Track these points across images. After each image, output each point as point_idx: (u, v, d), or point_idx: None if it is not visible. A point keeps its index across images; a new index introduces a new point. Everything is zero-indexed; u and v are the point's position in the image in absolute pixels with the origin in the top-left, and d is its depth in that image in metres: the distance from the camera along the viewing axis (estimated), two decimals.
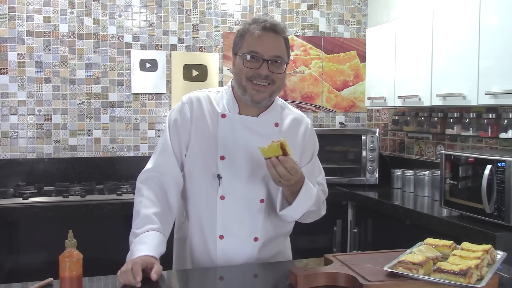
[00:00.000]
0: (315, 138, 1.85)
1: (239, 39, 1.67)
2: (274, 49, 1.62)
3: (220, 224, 1.68)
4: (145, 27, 3.53)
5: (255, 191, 1.70)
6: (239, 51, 1.65)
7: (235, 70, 1.67)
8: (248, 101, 1.66)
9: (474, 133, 2.81)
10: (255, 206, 1.70)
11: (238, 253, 1.70)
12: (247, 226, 1.70)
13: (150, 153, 3.66)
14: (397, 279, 1.33)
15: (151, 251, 1.52)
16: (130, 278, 1.40)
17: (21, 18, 3.28)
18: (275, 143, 1.51)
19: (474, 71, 2.59)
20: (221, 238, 1.69)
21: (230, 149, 1.68)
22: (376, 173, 3.44)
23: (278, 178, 1.53)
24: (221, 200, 1.68)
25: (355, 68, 4.01)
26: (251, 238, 1.71)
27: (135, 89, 3.51)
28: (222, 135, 1.69)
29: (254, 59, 1.61)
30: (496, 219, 2.26)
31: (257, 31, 1.62)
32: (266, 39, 1.61)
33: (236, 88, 1.70)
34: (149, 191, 1.68)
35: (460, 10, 2.70)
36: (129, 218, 2.90)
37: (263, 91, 1.63)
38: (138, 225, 1.61)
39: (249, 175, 1.68)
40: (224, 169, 1.68)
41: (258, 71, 1.61)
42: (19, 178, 3.27)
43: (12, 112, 3.29)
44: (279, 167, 1.51)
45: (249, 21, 1.68)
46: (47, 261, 2.33)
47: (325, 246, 3.25)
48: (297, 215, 1.68)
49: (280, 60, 1.63)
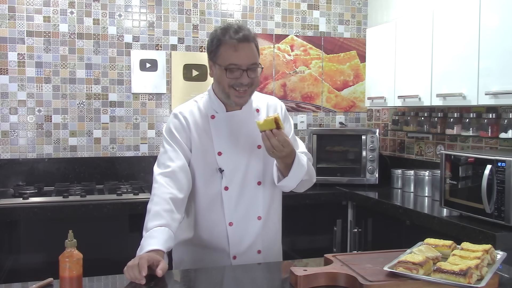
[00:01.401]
0: (289, 116, 2.05)
1: (215, 48, 1.78)
2: (250, 58, 1.76)
3: (228, 212, 1.84)
4: (145, 27, 3.53)
5: (253, 176, 1.87)
6: (217, 61, 1.78)
7: (216, 78, 1.81)
8: (232, 104, 1.83)
9: (474, 133, 2.81)
10: (254, 189, 1.87)
11: (246, 234, 1.86)
12: (251, 209, 1.87)
13: (150, 153, 3.71)
14: (397, 279, 1.34)
15: (159, 245, 1.59)
16: (136, 273, 1.45)
17: (21, 18, 3.28)
18: (270, 118, 1.69)
19: (474, 71, 2.59)
20: (231, 225, 1.84)
21: (226, 144, 1.85)
22: (376, 173, 3.44)
23: (271, 149, 1.69)
24: (225, 190, 1.83)
25: (355, 68, 4.01)
26: (255, 218, 1.88)
27: (135, 89, 3.51)
28: (216, 133, 1.85)
29: (234, 70, 1.75)
30: (496, 219, 2.26)
31: (233, 43, 1.74)
32: (242, 51, 1.75)
33: (217, 92, 1.86)
34: (161, 190, 1.76)
35: (460, 10, 2.70)
36: (129, 218, 2.92)
37: (245, 95, 1.80)
38: (150, 220, 1.69)
39: (246, 163, 1.86)
40: (223, 162, 1.83)
41: (240, 80, 1.75)
42: (19, 178, 3.27)
43: (12, 112, 3.29)
44: (273, 139, 1.68)
45: (220, 30, 1.78)
46: (47, 261, 2.32)
47: (325, 246, 3.25)
48: (293, 184, 1.84)
49: (255, 65, 1.78)
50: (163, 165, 1.81)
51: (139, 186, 3.22)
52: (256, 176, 1.87)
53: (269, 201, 1.91)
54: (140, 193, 2.94)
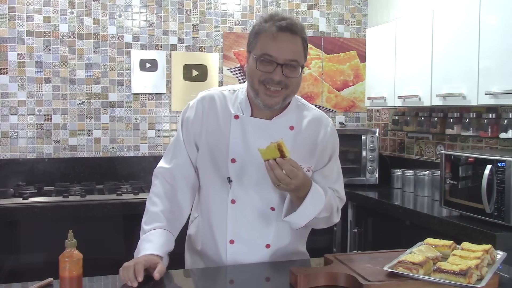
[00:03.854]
0: (335, 140, 1.74)
1: (254, 37, 1.57)
2: (289, 52, 1.52)
3: (230, 228, 1.65)
4: (145, 27, 3.53)
5: (265, 197, 1.64)
6: (253, 51, 1.56)
7: (248, 70, 1.59)
8: (260, 104, 1.59)
9: (474, 133, 2.81)
10: (266, 213, 1.65)
11: (248, 259, 1.66)
12: (258, 233, 1.66)
13: (150, 153, 3.71)
14: (397, 279, 1.33)
15: (156, 250, 1.52)
16: (130, 276, 1.40)
17: (21, 18, 3.28)
18: (272, 144, 1.46)
19: (474, 71, 2.59)
20: (232, 243, 1.65)
21: (241, 152, 1.62)
22: (376, 173, 3.44)
23: (277, 182, 1.48)
24: (232, 204, 1.64)
25: (355, 68, 4.01)
26: (263, 245, 1.67)
27: (135, 89, 3.51)
28: (234, 137, 1.63)
29: (267, 62, 1.52)
30: (496, 219, 2.26)
31: (272, 31, 1.52)
32: (281, 41, 1.51)
33: (248, 90, 1.63)
34: (158, 188, 1.67)
35: (460, 10, 2.70)
36: (129, 218, 2.92)
37: (276, 96, 1.55)
38: (146, 222, 1.62)
39: (260, 181, 1.62)
40: (234, 172, 1.63)
41: (271, 75, 1.52)
42: (19, 178, 3.27)
43: (12, 112, 3.29)
44: (277, 170, 1.45)
45: (265, 16, 1.57)
46: (47, 261, 2.33)
47: (325, 246, 3.25)
48: (302, 222, 1.60)
49: (295, 63, 1.53)
50: (165, 159, 1.70)
51: (139, 186, 3.22)
52: (270, 201, 1.64)
53: (284, 230, 1.68)
54: (140, 193, 2.94)
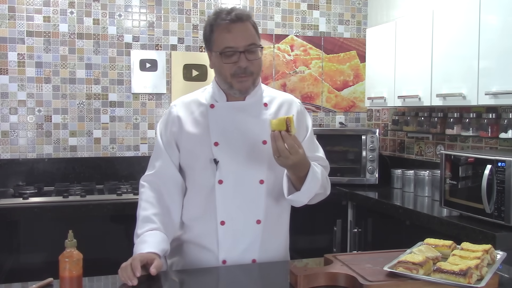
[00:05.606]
0: (307, 115, 1.87)
1: (210, 36, 1.68)
2: (246, 38, 1.63)
3: (220, 209, 1.68)
4: (145, 27, 3.53)
5: (253, 172, 1.69)
6: (213, 48, 1.67)
7: (216, 68, 1.69)
8: (236, 94, 1.69)
9: (474, 133, 2.81)
10: (254, 188, 1.69)
11: (241, 237, 1.69)
12: (248, 209, 1.69)
13: (150, 153, 3.65)
14: (397, 279, 1.33)
15: (152, 248, 1.56)
16: (129, 274, 1.43)
17: (21, 18, 3.28)
18: (282, 118, 1.54)
19: (474, 71, 2.59)
20: (223, 224, 1.68)
21: (224, 134, 1.70)
22: (376, 173, 3.44)
23: (277, 153, 1.53)
24: (219, 184, 1.67)
25: (355, 68, 4.01)
26: (254, 221, 1.70)
27: (135, 89, 3.51)
28: (213, 123, 1.71)
29: (230, 53, 1.62)
30: (496, 219, 2.26)
31: (226, 25, 1.62)
32: (236, 31, 1.62)
33: (220, 83, 1.73)
34: (147, 194, 1.74)
35: (460, 10, 2.70)
36: (129, 218, 2.90)
37: (246, 80, 1.66)
38: (139, 227, 1.67)
39: (246, 157, 1.69)
40: (219, 153, 1.68)
41: (238, 64, 1.62)
42: (19, 178, 3.27)
43: (12, 112, 3.29)
44: (279, 142, 1.51)
45: (212, 15, 1.68)
46: (47, 261, 2.32)
47: (325, 246, 3.25)
48: (305, 199, 1.67)
49: (253, 46, 1.64)
50: (150, 166, 1.77)
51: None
52: (257, 174, 1.69)
53: (273, 204, 1.73)
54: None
